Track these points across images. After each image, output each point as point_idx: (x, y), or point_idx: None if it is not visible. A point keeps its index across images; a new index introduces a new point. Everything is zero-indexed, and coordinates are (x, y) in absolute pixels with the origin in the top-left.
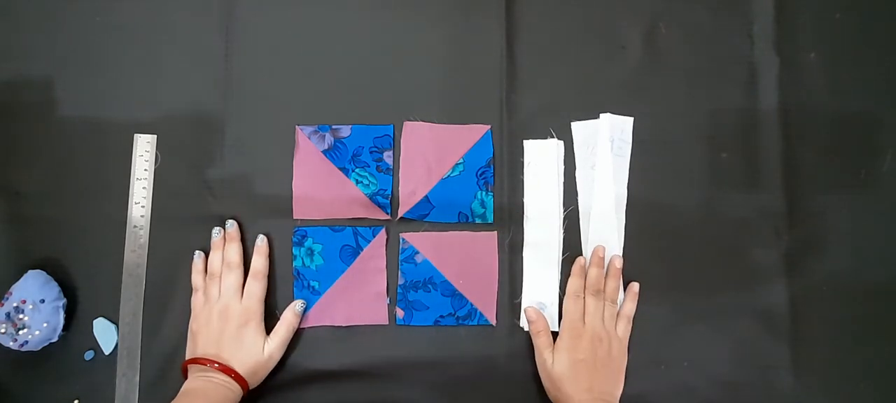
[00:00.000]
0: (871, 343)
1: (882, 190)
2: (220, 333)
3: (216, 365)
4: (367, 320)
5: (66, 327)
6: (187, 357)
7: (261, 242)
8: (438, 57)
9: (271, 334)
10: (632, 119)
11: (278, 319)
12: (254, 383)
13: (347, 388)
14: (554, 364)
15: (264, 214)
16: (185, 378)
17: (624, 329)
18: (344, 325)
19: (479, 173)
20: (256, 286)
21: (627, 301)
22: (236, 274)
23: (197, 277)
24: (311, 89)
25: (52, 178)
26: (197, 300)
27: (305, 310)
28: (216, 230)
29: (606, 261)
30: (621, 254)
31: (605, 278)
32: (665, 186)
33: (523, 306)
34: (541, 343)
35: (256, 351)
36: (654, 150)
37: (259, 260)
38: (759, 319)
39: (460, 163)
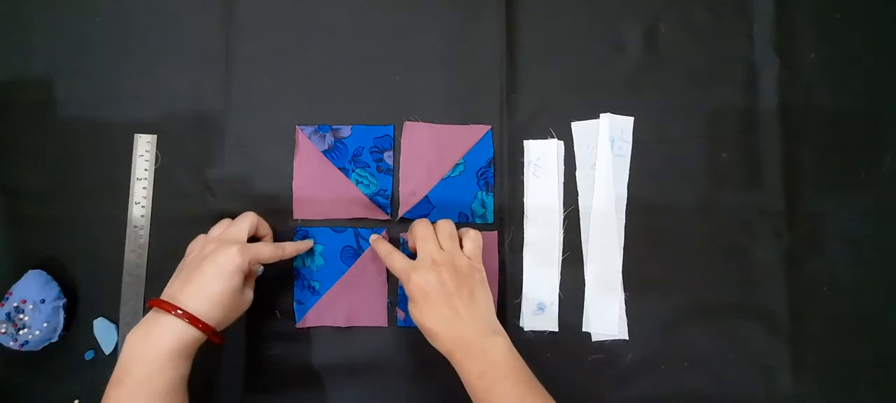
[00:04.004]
0: (871, 344)
1: (882, 190)
2: (195, 263)
3: (179, 312)
4: (367, 321)
5: (66, 327)
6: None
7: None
8: (438, 57)
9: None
10: (632, 119)
11: (278, 321)
12: (227, 318)
13: (347, 389)
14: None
15: (264, 214)
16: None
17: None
18: (344, 326)
19: (479, 173)
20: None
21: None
22: (238, 225)
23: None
24: (311, 89)
25: (52, 178)
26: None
27: (306, 310)
28: None
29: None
30: (621, 254)
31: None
32: (665, 186)
33: (523, 306)
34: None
35: (226, 283)
36: (654, 150)
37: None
38: (759, 319)
39: (460, 164)
